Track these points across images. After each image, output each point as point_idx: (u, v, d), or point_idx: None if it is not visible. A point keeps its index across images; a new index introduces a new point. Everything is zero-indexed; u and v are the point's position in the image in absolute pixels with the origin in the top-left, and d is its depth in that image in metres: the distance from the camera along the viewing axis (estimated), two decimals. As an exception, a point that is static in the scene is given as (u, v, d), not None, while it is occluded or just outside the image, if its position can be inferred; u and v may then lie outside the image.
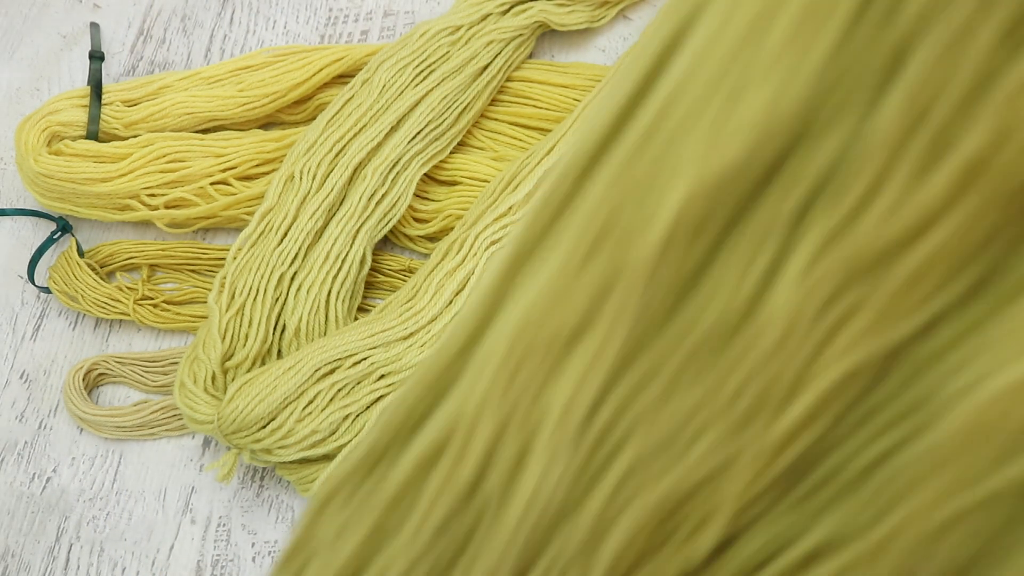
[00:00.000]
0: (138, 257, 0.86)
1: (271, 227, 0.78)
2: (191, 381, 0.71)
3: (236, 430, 0.68)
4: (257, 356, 0.72)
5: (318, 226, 0.78)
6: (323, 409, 0.69)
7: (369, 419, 0.69)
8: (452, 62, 0.83)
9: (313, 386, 0.69)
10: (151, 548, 0.75)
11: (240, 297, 0.74)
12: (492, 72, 0.85)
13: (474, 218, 0.79)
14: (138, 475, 0.78)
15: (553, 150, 0.80)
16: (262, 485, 0.77)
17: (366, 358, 0.70)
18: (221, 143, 0.86)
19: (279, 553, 0.36)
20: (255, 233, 0.78)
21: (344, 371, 0.69)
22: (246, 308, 0.74)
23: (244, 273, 0.75)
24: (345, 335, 0.71)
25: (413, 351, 0.71)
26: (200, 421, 0.70)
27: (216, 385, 0.71)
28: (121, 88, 0.89)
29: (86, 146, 0.84)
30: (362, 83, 0.85)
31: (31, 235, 0.90)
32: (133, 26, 1.03)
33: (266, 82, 0.89)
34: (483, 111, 0.89)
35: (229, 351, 0.72)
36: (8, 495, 0.77)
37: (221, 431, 0.68)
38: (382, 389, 0.70)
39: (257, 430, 0.68)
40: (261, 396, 0.68)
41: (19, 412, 0.81)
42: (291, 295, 0.75)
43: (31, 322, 0.85)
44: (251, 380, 0.69)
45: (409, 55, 0.84)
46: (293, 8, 1.05)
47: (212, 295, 0.75)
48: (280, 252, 0.76)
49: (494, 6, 0.86)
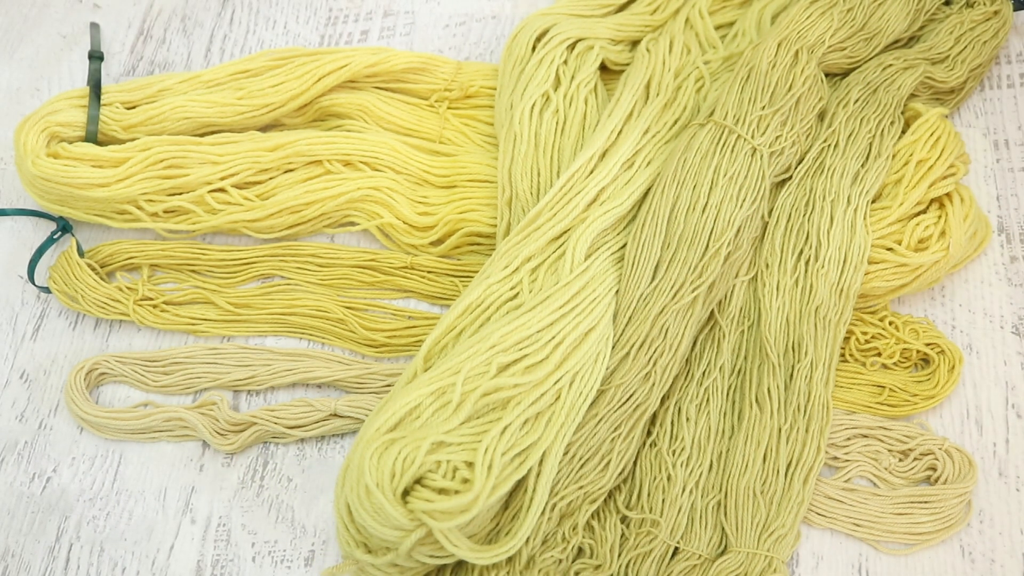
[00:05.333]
0: (138, 257, 0.86)
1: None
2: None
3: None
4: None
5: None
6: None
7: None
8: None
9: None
10: (151, 548, 0.75)
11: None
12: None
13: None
14: (138, 475, 0.78)
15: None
16: (262, 485, 0.77)
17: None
18: (219, 149, 0.86)
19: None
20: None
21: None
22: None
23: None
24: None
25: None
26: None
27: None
28: (120, 89, 0.89)
29: (84, 149, 0.84)
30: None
31: (31, 235, 0.90)
32: (133, 26, 1.03)
33: (266, 91, 0.89)
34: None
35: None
36: (8, 495, 0.78)
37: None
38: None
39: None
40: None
41: (19, 412, 0.81)
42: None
43: (31, 322, 0.86)
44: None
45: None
46: (293, 8, 1.05)
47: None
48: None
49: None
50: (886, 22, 0.90)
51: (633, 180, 0.82)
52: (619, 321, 0.75)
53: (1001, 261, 0.85)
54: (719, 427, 0.76)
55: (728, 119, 0.82)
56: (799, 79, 0.84)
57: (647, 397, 0.74)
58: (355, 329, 0.83)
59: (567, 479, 0.71)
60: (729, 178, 0.79)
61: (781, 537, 0.71)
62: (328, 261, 0.86)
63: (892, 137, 0.84)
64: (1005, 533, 0.73)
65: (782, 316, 0.78)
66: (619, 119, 0.85)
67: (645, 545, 0.71)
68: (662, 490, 0.73)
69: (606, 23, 0.94)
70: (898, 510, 0.73)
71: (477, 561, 0.64)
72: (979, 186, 0.89)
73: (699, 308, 0.77)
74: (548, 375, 0.70)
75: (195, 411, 0.79)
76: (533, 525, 0.67)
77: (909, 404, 0.78)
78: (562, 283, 0.74)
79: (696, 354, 0.79)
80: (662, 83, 0.89)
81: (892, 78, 0.87)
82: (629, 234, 0.79)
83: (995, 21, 0.93)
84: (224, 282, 0.86)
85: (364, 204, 0.86)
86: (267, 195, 0.86)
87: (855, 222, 0.79)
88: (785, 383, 0.76)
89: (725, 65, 0.91)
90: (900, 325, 0.81)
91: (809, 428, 0.74)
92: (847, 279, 0.78)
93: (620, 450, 0.73)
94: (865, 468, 0.76)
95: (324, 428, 0.78)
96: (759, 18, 0.94)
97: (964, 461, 0.75)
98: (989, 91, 0.95)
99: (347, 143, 0.87)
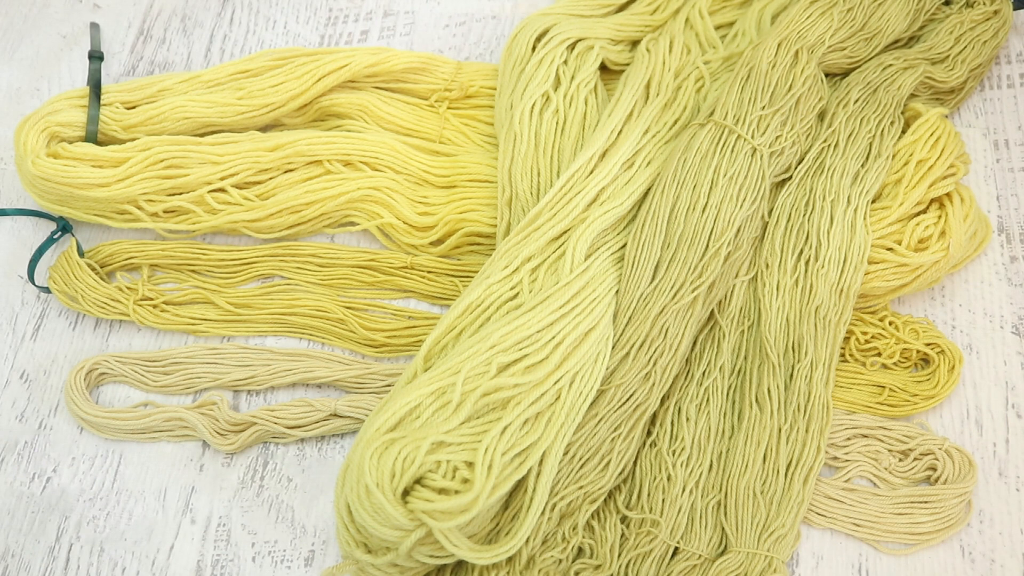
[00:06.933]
0: (138, 257, 0.86)
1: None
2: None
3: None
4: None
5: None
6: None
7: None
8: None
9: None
10: (151, 548, 0.75)
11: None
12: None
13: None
14: (138, 475, 0.78)
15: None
16: (262, 485, 0.77)
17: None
18: (219, 149, 0.86)
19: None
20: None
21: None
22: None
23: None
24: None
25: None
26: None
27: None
28: (120, 89, 0.89)
29: (83, 149, 0.84)
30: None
31: (31, 235, 0.90)
32: (133, 26, 1.03)
33: (265, 92, 0.89)
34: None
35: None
36: (8, 495, 0.78)
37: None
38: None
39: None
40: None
41: (19, 412, 0.81)
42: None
43: (31, 322, 0.86)
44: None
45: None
46: (293, 8, 1.05)
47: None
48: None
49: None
50: (886, 22, 0.90)
51: (633, 180, 0.82)
52: (619, 321, 0.75)
53: (1001, 261, 0.85)
54: (719, 427, 0.76)
55: (728, 119, 0.82)
56: (799, 79, 0.84)
57: (647, 397, 0.74)
58: (355, 329, 0.83)
59: (567, 479, 0.71)
60: (729, 178, 0.79)
61: (781, 537, 0.71)
62: (328, 261, 0.86)
63: (892, 137, 0.84)
64: (1005, 533, 0.73)
65: (782, 316, 0.78)
66: (619, 119, 0.85)
67: (645, 545, 0.71)
68: (662, 490, 0.73)
69: (606, 23, 0.94)
70: (898, 510, 0.73)
71: (477, 561, 0.64)
72: (979, 186, 0.89)
73: (699, 308, 0.77)
74: (548, 375, 0.70)
75: (195, 411, 0.79)
76: (533, 525, 0.66)
77: (909, 404, 0.78)
78: (562, 283, 0.74)
79: (696, 354, 0.79)
80: (662, 83, 0.89)
81: (892, 78, 0.87)
82: (629, 234, 0.79)
83: (995, 21, 0.93)
84: (224, 282, 0.86)
85: (364, 204, 0.86)
86: (267, 195, 0.86)
87: (855, 222, 0.79)
88: (785, 383, 0.76)
89: (725, 65, 0.91)
90: (900, 325, 0.81)
91: (809, 428, 0.74)
92: (847, 279, 0.78)
93: (620, 450, 0.73)
94: (865, 468, 0.76)
95: (324, 428, 0.78)
96: (759, 18, 0.94)
97: (964, 461, 0.75)
98: (989, 91, 0.95)
99: (347, 143, 0.87)
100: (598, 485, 0.72)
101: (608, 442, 0.73)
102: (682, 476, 0.74)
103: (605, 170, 0.80)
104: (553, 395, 0.70)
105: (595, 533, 0.72)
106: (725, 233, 0.77)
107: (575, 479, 0.71)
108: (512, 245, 0.77)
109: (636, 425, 0.74)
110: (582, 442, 0.72)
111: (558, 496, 0.70)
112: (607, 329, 0.74)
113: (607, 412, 0.72)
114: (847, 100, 0.86)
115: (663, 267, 0.77)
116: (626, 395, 0.73)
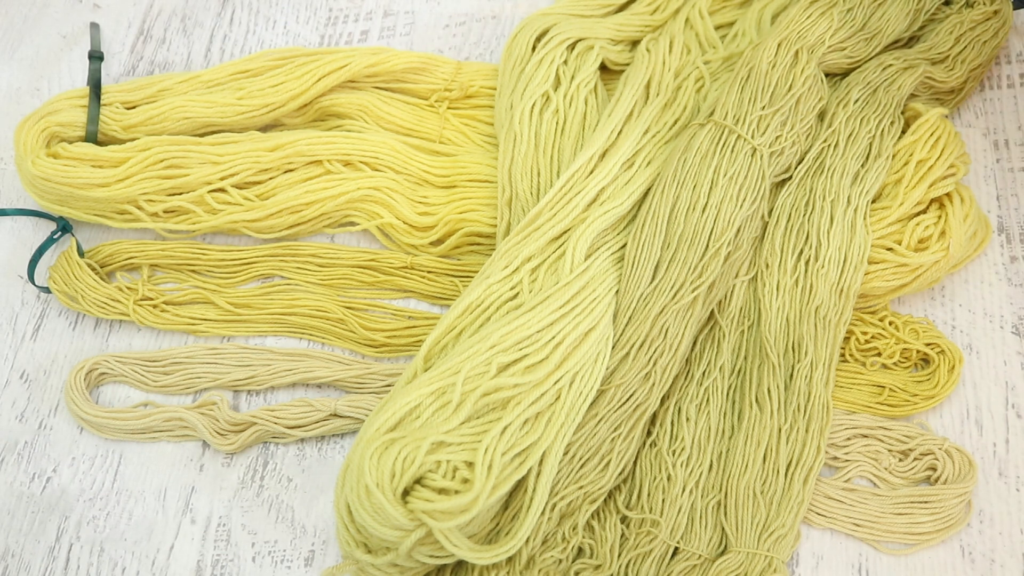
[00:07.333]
0: (138, 257, 0.86)
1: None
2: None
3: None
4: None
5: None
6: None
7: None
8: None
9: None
10: (151, 548, 0.75)
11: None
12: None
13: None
14: (138, 475, 0.78)
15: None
16: (262, 485, 0.77)
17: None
18: (219, 149, 0.86)
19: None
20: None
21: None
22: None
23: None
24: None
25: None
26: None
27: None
28: (120, 89, 0.89)
29: (83, 149, 0.84)
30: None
31: (31, 235, 0.90)
32: (133, 26, 1.03)
33: (265, 92, 0.89)
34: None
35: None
36: (8, 495, 0.78)
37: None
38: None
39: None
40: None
41: (19, 412, 0.81)
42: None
43: (31, 322, 0.86)
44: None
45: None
46: (293, 8, 1.05)
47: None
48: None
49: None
50: (886, 22, 0.90)
51: (633, 180, 0.82)
52: (619, 321, 0.75)
53: (1001, 261, 0.85)
54: (719, 427, 0.76)
55: (728, 119, 0.82)
56: (799, 79, 0.84)
57: (647, 397, 0.74)
58: (355, 329, 0.83)
59: (567, 479, 0.71)
60: (729, 178, 0.79)
61: (781, 537, 0.71)
62: (328, 261, 0.86)
63: (892, 137, 0.84)
64: (1005, 533, 0.73)
65: (782, 316, 0.78)
66: (619, 119, 0.85)
67: (645, 545, 0.71)
68: (662, 490, 0.73)
69: (606, 23, 0.94)
70: (898, 510, 0.73)
71: (477, 561, 0.64)
72: (979, 186, 0.89)
73: (699, 308, 0.77)
74: (548, 375, 0.70)
75: (195, 411, 0.79)
76: (533, 525, 0.67)
77: (909, 404, 0.78)
78: (562, 283, 0.74)
79: (696, 354, 0.79)
80: (662, 83, 0.89)
81: (892, 78, 0.87)
82: (629, 234, 0.79)
83: (995, 21, 0.93)
84: (224, 282, 0.86)
85: (364, 204, 0.86)
86: (267, 195, 0.86)
87: (855, 222, 0.79)
88: (785, 383, 0.76)
89: (725, 65, 0.91)
90: (900, 325, 0.81)
91: (809, 428, 0.74)
92: (847, 279, 0.78)
93: (620, 450, 0.73)
94: (865, 468, 0.76)
95: (324, 428, 0.78)
96: (759, 18, 0.94)
97: (964, 461, 0.75)
98: (989, 91, 0.95)
99: (347, 143, 0.87)
100: (598, 485, 0.72)
101: (608, 442, 0.73)
102: (682, 476, 0.74)
103: (605, 170, 0.81)
104: (553, 395, 0.70)
105: (595, 533, 0.72)
106: (725, 233, 0.77)
107: (575, 479, 0.71)
108: (512, 245, 0.77)
109: (636, 425, 0.74)
110: (582, 442, 0.72)
111: (558, 496, 0.70)
112: (607, 329, 0.74)
113: (607, 412, 0.73)
114: (847, 100, 0.86)
115: (663, 267, 0.77)
116: (626, 395, 0.73)
